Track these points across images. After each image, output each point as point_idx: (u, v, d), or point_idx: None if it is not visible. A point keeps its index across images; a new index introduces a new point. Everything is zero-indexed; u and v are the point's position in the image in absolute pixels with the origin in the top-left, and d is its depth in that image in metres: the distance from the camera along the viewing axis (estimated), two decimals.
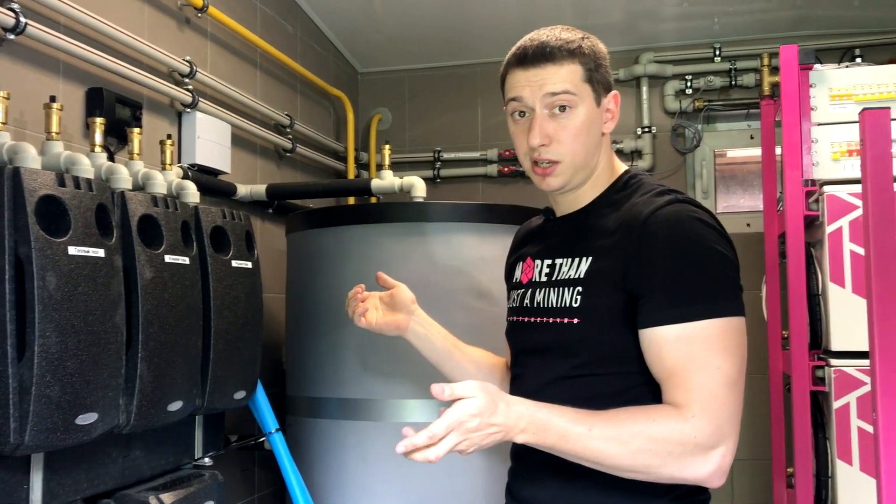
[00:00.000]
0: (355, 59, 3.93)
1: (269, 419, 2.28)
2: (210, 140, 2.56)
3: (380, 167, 3.00)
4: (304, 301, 2.51)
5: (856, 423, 2.32)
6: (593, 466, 1.25)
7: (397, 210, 2.44)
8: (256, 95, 2.98)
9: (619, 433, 1.22)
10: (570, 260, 1.42)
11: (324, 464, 2.38)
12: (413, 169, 3.84)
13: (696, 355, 1.25)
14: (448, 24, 3.52)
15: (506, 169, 3.77)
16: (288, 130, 3.17)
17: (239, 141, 2.84)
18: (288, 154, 3.18)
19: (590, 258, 1.38)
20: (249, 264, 2.05)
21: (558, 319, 1.39)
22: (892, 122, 1.56)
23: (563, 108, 1.37)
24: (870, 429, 2.30)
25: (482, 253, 2.35)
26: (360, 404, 2.34)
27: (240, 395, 2.02)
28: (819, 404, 2.48)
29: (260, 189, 2.82)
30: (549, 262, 1.47)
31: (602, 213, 1.42)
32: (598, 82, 1.41)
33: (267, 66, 3.09)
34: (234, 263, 1.99)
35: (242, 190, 2.77)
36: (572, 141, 1.38)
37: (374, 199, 3.60)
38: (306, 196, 3.07)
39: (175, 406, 1.74)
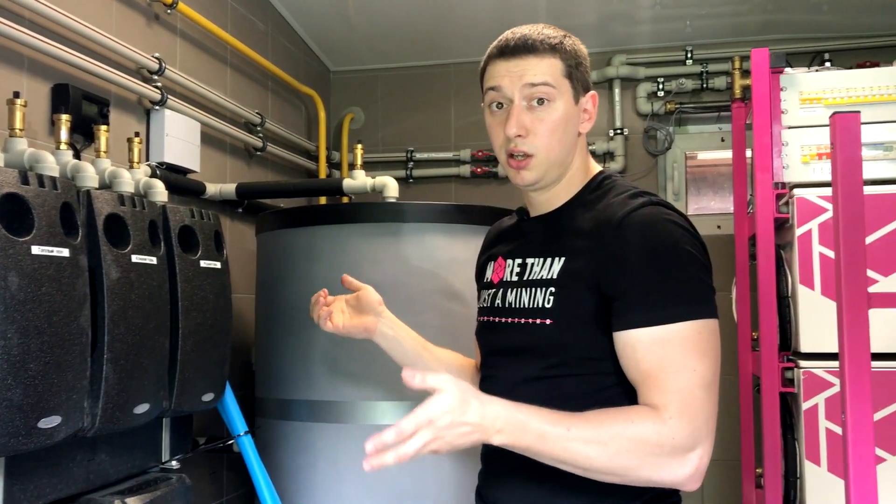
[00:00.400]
0: (327, 57, 3.90)
1: (237, 421, 2.25)
2: (179, 138, 2.52)
3: (352, 167, 2.99)
4: (274, 302, 2.48)
5: (824, 424, 2.34)
6: (570, 469, 1.22)
7: (369, 210, 2.42)
8: (227, 93, 2.94)
9: (598, 434, 1.20)
10: (542, 260, 1.41)
11: (293, 466, 2.35)
12: (385, 169, 3.82)
13: (672, 358, 1.25)
14: (422, 23, 3.51)
15: (479, 170, 3.76)
16: (259, 129, 3.13)
17: (209, 139, 2.81)
18: (258, 153, 3.15)
19: (563, 259, 1.37)
20: (218, 264, 2.02)
21: (530, 320, 1.38)
22: (862, 126, 1.58)
23: (541, 101, 1.37)
24: (838, 430, 2.32)
25: (454, 254, 2.34)
26: (331, 406, 2.32)
27: (208, 397, 1.99)
28: (788, 405, 2.50)
29: (230, 188, 2.79)
30: (520, 261, 1.46)
31: (575, 213, 1.42)
32: (578, 80, 1.41)
33: (238, 63, 3.05)
34: (203, 263, 1.96)
35: (212, 189, 2.74)
36: (549, 135, 1.38)
37: (345, 199, 3.58)
38: (277, 195, 3.04)
39: (142, 408, 1.71)
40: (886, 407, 2.27)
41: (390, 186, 2.68)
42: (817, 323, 2.37)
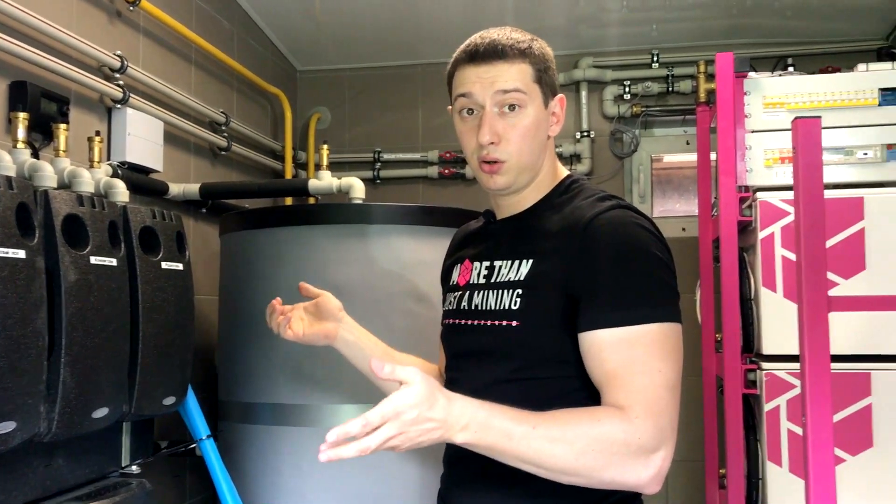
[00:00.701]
0: (294, 57, 3.87)
1: (200, 425, 2.21)
2: (141, 137, 2.48)
3: (318, 167, 2.96)
4: (238, 304, 2.45)
5: (786, 425, 2.37)
6: (534, 470, 1.21)
7: (335, 211, 2.40)
8: (191, 92, 2.90)
9: (564, 433, 1.19)
10: (510, 262, 1.41)
11: (257, 471, 2.33)
12: (352, 169, 3.80)
13: (637, 358, 1.25)
14: (389, 24, 3.50)
15: (446, 171, 3.76)
16: (223, 128, 3.10)
17: (172, 138, 2.77)
18: (223, 152, 3.11)
19: (531, 261, 1.37)
20: (180, 266, 1.99)
21: (497, 322, 1.38)
22: (823, 131, 1.60)
23: (512, 108, 1.37)
24: (799, 431, 2.34)
25: (422, 256, 2.33)
26: (295, 410, 2.29)
27: (169, 400, 1.96)
28: (751, 407, 2.52)
29: (193, 188, 2.75)
30: (487, 264, 1.46)
31: (543, 216, 1.42)
32: (547, 84, 1.41)
33: (202, 62, 3.01)
34: (165, 265, 1.92)
35: (175, 189, 2.70)
36: (520, 140, 1.38)
37: (311, 200, 3.56)
38: (241, 196, 3.01)
39: (100, 413, 1.67)
40: (846, 408, 2.30)
41: (356, 187, 2.66)
42: (780, 325, 2.40)
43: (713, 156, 3.17)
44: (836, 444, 1.72)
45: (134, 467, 1.97)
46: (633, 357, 1.25)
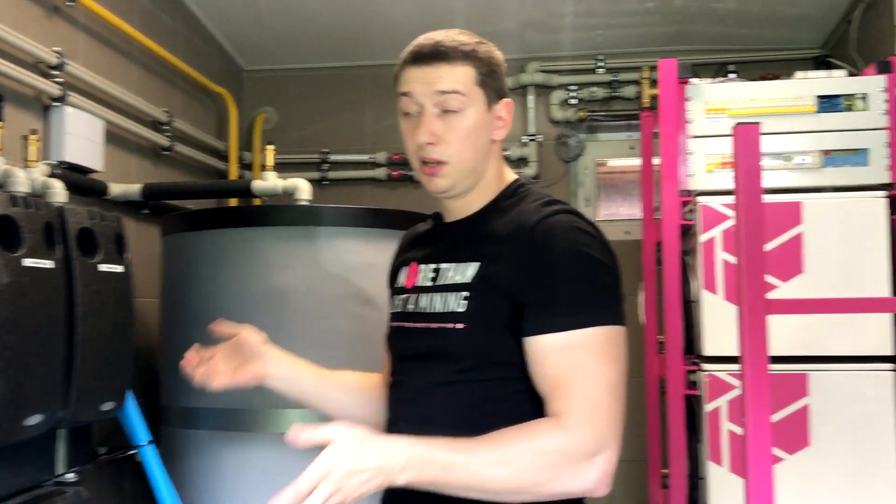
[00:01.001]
0: (240, 56, 3.82)
1: (140, 431, 2.17)
2: (81, 136, 2.42)
3: (263, 167, 2.93)
4: (180, 306, 2.41)
5: (726, 425, 2.40)
6: (480, 496, 1.21)
7: (280, 213, 2.37)
8: (133, 90, 2.84)
9: (504, 454, 1.19)
10: (456, 265, 1.40)
11: (199, 477, 2.29)
12: (299, 170, 3.75)
13: (580, 363, 1.26)
14: (337, 24, 3.47)
15: (395, 173, 3.75)
16: (166, 128, 3.04)
17: (113, 138, 2.71)
18: (166, 152, 3.06)
19: (477, 264, 1.37)
20: (120, 268, 1.95)
21: (442, 325, 1.37)
22: (763, 137, 1.63)
23: (452, 109, 1.37)
24: (740, 431, 2.39)
25: (369, 258, 2.32)
26: (238, 415, 2.26)
27: (108, 406, 1.91)
28: (692, 407, 2.56)
29: (135, 189, 2.69)
30: (434, 266, 1.45)
31: (490, 219, 1.42)
32: (491, 88, 1.40)
33: (145, 60, 2.95)
34: (103, 267, 1.88)
35: (116, 189, 2.64)
36: (460, 143, 1.37)
37: (257, 201, 3.52)
38: (184, 196, 2.96)
39: (34, 420, 1.63)
40: (784, 408, 2.35)
41: (302, 188, 2.64)
42: (720, 327, 2.44)
43: (656, 160, 3.22)
44: (774, 443, 1.76)
45: (70, 475, 1.92)
46: (575, 361, 1.26)
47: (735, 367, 2.41)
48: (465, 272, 1.38)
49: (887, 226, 2.38)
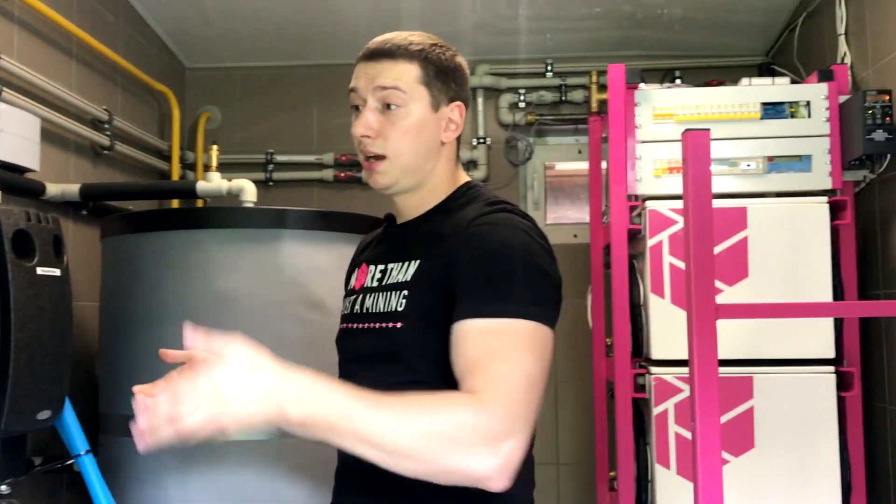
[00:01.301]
0: (183, 53, 3.74)
1: (78, 440, 2.10)
2: (15, 134, 2.33)
3: (207, 168, 2.86)
4: (121, 310, 2.34)
5: (673, 428, 2.43)
6: (373, 453, 1.09)
7: (227, 215, 2.31)
8: (71, 88, 2.75)
9: (409, 411, 1.10)
10: (400, 264, 1.40)
11: (140, 487, 2.22)
12: (244, 171, 3.68)
13: (501, 347, 1.20)
14: (284, 22, 3.42)
15: (342, 174, 3.70)
16: (106, 126, 2.95)
17: (50, 136, 2.61)
18: (106, 152, 2.97)
19: (417, 261, 1.37)
20: (58, 271, 1.88)
21: (384, 324, 1.36)
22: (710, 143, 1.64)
23: (393, 105, 1.37)
24: (686, 434, 2.42)
25: (317, 262, 2.28)
26: None
27: (44, 414, 1.85)
28: (640, 410, 2.58)
29: (73, 189, 2.61)
30: (382, 267, 1.45)
31: (436, 219, 1.42)
32: (439, 89, 1.40)
33: (84, 56, 2.86)
34: (40, 270, 1.81)
35: (53, 189, 2.55)
36: (399, 139, 1.37)
37: (199, 203, 3.44)
38: (125, 197, 2.87)
39: None
40: (730, 411, 2.38)
41: (248, 190, 2.58)
42: (667, 330, 2.47)
43: (604, 164, 3.25)
44: (722, 446, 1.77)
45: (3, 487, 1.85)
46: (497, 345, 1.20)
47: (682, 370, 2.44)
48: (406, 271, 1.37)
49: (829, 231, 2.44)
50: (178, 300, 2.22)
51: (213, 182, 2.62)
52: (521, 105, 3.66)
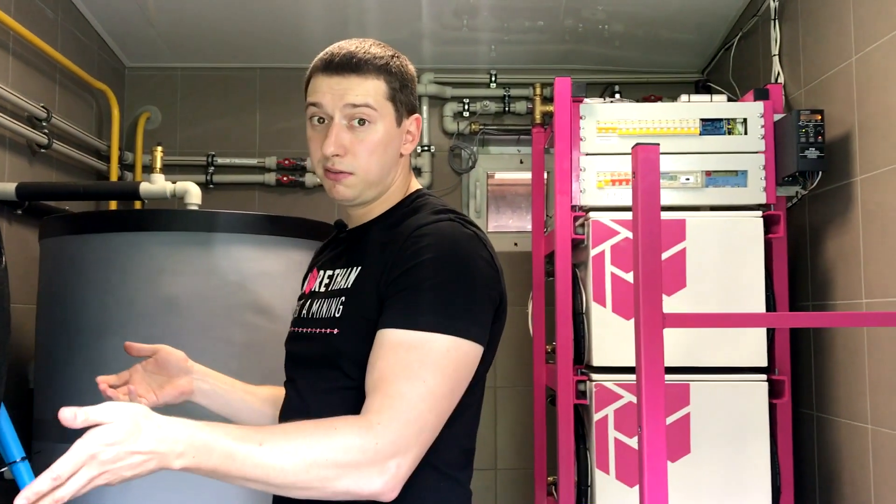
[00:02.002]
0: (123, 52, 3.66)
1: (13, 446, 2.04)
2: None
3: (147, 169, 2.82)
4: (60, 314, 2.28)
5: (613, 434, 2.49)
6: (263, 488, 1.14)
7: (173, 218, 2.28)
8: (8, 84, 2.67)
9: (294, 445, 1.13)
10: (345, 270, 1.41)
11: (78, 496, 2.16)
12: (183, 173, 3.63)
13: (409, 363, 1.21)
14: (227, 23, 3.38)
15: (285, 178, 3.68)
16: (44, 124, 2.87)
17: None
18: (43, 150, 2.89)
19: (359, 268, 1.37)
20: None
21: (323, 330, 1.37)
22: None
23: (361, 122, 1.36)
24: (626, 440, 2.48)
25: (264, 267, 2.27)
26: None
27: None
28: (580, 416, 2.64)
29: (9, 188, 2.54)
30: (330, 272, 1.46)
31: (382, 226, 1.42)
32: (402, 103, 1.41)
33: (22, 52, 2.79)
34: None
35: None
36: (367, 156, 1.37)
37: (137, 204, 3.38)
38: (65, 198, 2.80)
39: None
40: (668, 417, 2.45)
41: (192, 193, 2.55)
42: (609, 338, 2.53)
43: (545, 175, 3.30)
44: None
45: None
46: (403, 361, 1.21)
47: (622, 377, 2.50)
48: (348, 277, 1.38)
49: (762, 244, 2.53)
50: (121, 304, 2.18)
51: (158, 184, 2.58)
52: (466, 114, 3.70)
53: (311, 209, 3.59)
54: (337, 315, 1.34)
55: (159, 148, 2.80)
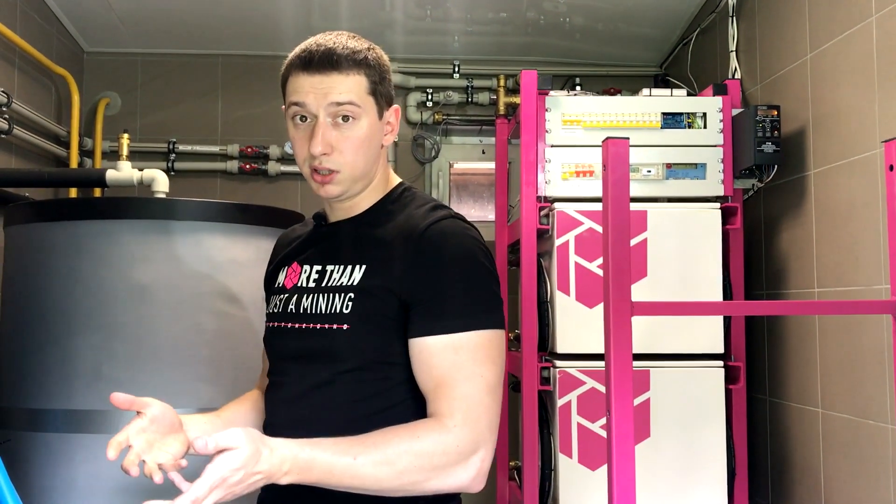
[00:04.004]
0: (82, 36, 3.61)
1: None
2: None
3: (107, 156, 2.79)
4: (26, 302, 2.26)
5: (576, 419, 2.55)
6: (363, 493, 1.26)
7: (143, 205, 2.27)
8: None
9: (386, 455, 1.24)
10: (342, 267, 1.42)
11: (47, 482, 2.16)
12: (144, 160, 3.60)
13: (461, 365, 1.32)
14: (189, 9, 3.35)
15: (247, 166, 3.67)
16: (4, 109, 2.83)
17: None
18: (3, 136, 2.84)
19: (363, 266, 1.39)
20: None
21: (327, 325, 1.39)
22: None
23: (346, 118, 1.38)
24: (589, 425, 2.54)
25: (233, 255, 2.27)
26: (93, 416, 2.15)
27: None
28: (544, 402, 2.70)
29: None
30: (318, 267, 1.46)
31: (377, 222, 1.45)
32: (382, 95, 1.43)
33: None
34: None
35: None
36: (354, 152, 1.39)
37: (97, 192, 3.34)
38: (29, 184, 2.76)
39: None
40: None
41: (160, 180, 2.54)
42: (572, 326, 2.59)
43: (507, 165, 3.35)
44: None
45: None
46: (457, 363, 1.32)
47: (584, 363, 2.57)
48: (352, 274, 1.40)
49: (720, 235, 2.62)
50: (90, 292, 2.18)
51: (124, 171, 2.56)
52: (429, 104, 3.72)
53: (274, 197, 3.59)
54: (345, 311, 1.36)
55: (125, 135, 2.78)
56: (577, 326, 2.59)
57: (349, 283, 1.39)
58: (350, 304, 1.37)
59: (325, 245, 1.49)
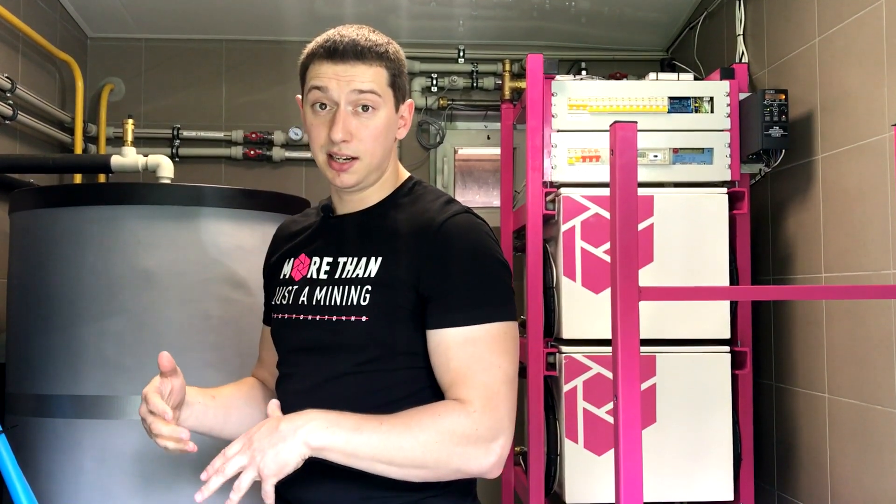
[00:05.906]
0: (85, 22, 3.59)
1: None
2: None
3: (111, 142, 2.78)
4: (33, 288, 2.26)
5: (582, 405, 2.55)
6: (385, 468, 1.28)
7: (149, 191, 2.26)
8: None
9: (409, 427, 1.27)
10: (356, 259, 1.44)
11: (55, 467, 2.16)
12: (148, 146, 3.59)
13: (480, 355, 1.35)
14: None
15: (252, 152, 3.66)
16: (9, 95, 2.82)
17: None
18: (7, 122, 2.84)
19: (380, 258, 1.41)
20: None
21: (343, 317, 1.41)
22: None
23: (366, 108, 1.41)
24: (594, 410, 2.55)
25: (240, 241, 2.27)
26: (99, 401, 2.16)
27: None
28: (549, 388, 2.70)
29: None
30: (329, 259, 1.47)
31: (389, 214, 1.47)
32: (399, 89, 1.46)
33: None
34: None
35: None
36: (372, 141, 1.41)
37: (102, 177, 3.34)
38: (34, 170, 2.76)
39: None
40: None
41: (165, 166, 2.54)
42: (578, 312, 2.58)
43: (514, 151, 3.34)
44: None
45: None
46: (475, 354, 1.35)
47: (590, 349, 2.57)
48: (367, 267, 1.42)
49: (727, 220, 2.61)
50: (96, 278, 2.17)
51: (129, 157, 2.55)
52: (434, 89, 3.71)
53: (278, 183, 3.58)
54: (364, 303, 1.39)
55: (130, 121, 2.77)
56: (583, 312, 2.59)
57: (365, 276, 1.41)
58: (368, 296, 1.39)
59: (334, 237, 1.50)
